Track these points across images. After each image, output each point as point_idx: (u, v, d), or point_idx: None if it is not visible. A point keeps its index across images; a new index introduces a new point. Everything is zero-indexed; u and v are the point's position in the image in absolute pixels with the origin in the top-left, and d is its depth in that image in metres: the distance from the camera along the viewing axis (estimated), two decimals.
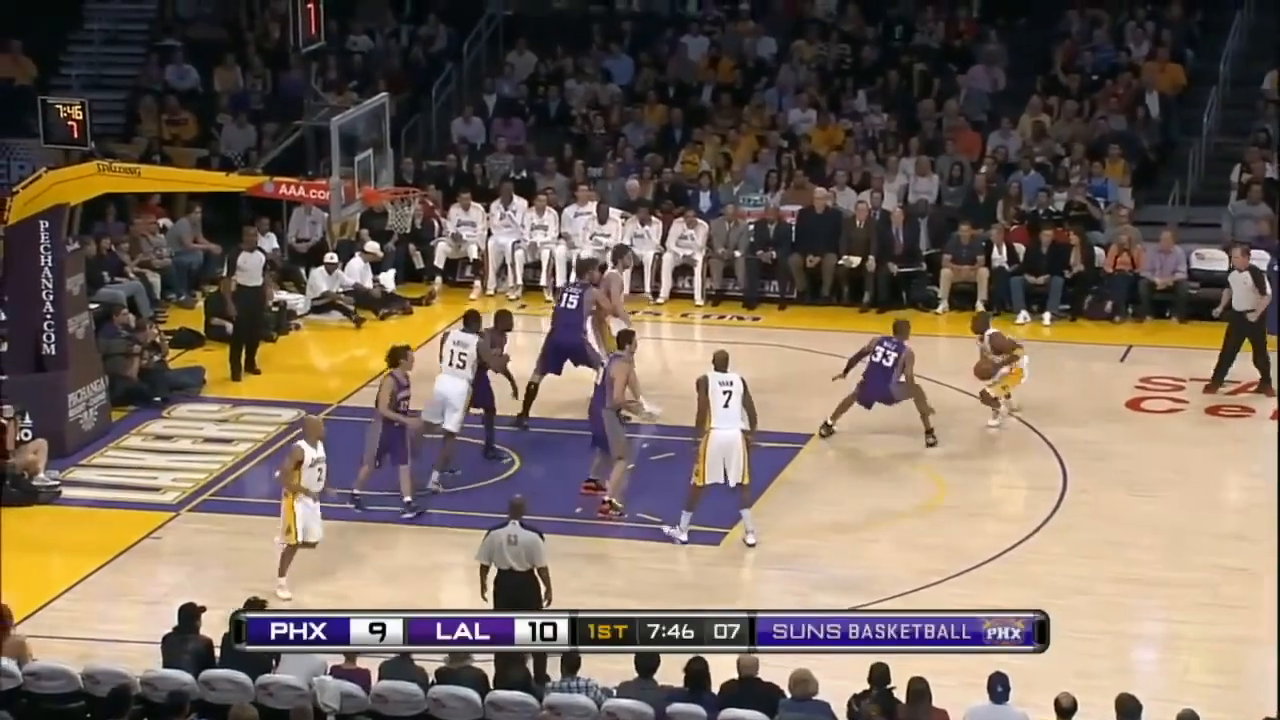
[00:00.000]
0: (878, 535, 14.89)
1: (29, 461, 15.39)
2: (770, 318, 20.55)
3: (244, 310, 18.48)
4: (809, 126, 22.95)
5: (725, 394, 14.45)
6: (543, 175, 22.26)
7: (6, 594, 11.75)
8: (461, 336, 15.50)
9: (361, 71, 23.78)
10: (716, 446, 14.29)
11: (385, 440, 14.72)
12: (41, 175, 16.07)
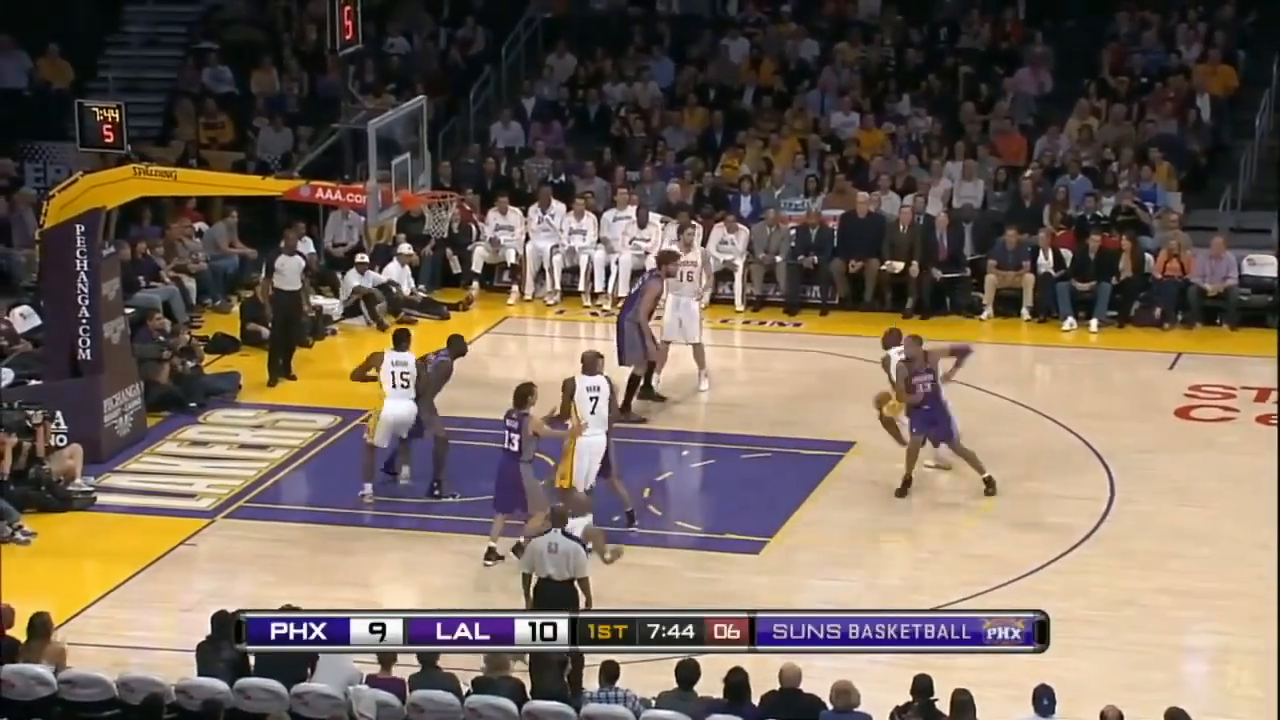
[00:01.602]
0: (921, 545, 14.83)
1: (66, 467, 15.47)
2: (812, 324, 20.51)
3: (280, 314, 18.56)
4: (852, 130, 22.91)
5: (592, 399, 14.39)
6: (581, 179, 22.28)
7: (42, 600, 11.83)
8: (399, 356, 15.33)
9: (399, 74, 23.86)
10: (586, 450, 14.26)
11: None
12: (78, 179, 16.15)
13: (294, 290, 18.56)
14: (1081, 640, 12.63)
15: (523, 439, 14.01)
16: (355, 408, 17.28)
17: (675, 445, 16.78)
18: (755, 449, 16.58)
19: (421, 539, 14.90)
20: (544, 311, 20.97)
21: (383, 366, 15.30)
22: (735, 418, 17.38)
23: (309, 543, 14.71)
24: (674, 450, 16.71)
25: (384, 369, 15.28)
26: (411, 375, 15.24)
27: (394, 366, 15.27)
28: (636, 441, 16.69)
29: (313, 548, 14.62)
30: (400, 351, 15.37)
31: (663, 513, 15.18)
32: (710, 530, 14.77)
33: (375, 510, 15.17)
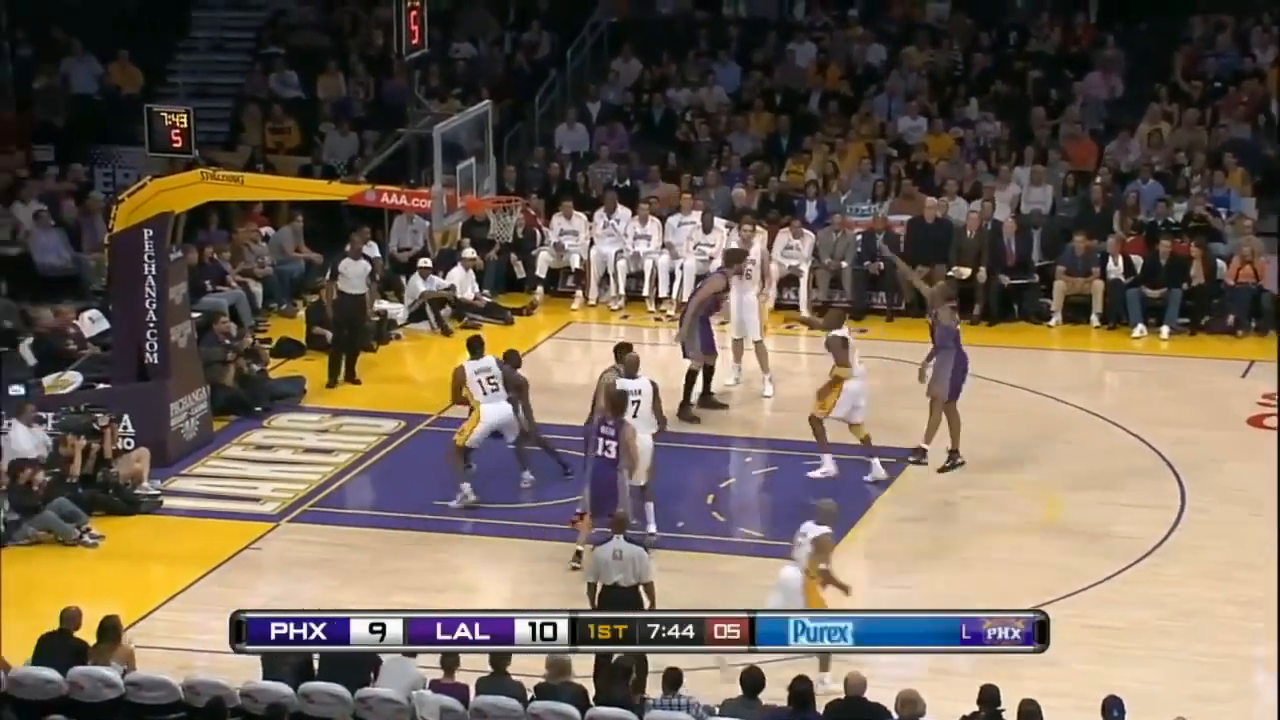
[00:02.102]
0: (988, 553, 14.76)
1: (133, 471, 15.64)
2: (878, 330, 20.44)
3: (343, 318, 18.69)
4: (919, 134, 22.83)
5: (634, 403, 14.38)
6: (646, 184, 22.31)
7: (109, 603, 11.97)
8: (479, 364, 15.33)
9: (464, 79, 23.98)
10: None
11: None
12: (146, 183, 16.32)
13: (358, 294, 18.68)
14: (1151, 651, 12.52)
15: (620, 446, 14.01)
16: (420, 412, 17.39)
17: (738, 451, 16.77)
18: (818, 456, 16.54)
19: (487, 544, 14.96)
20: (608, 317, 21.01)
21: (467, 379, 15.31)
22: (799, 424, 17.34)
23: (374, 547, 14.80)
24: (737, 456, 16.70)
25: (469, 381, 15.29)
26: (497, 377, 15.34)
27: (477, 375, 15.34)
28: (699, 446, 16.71)
29: (377, 552, 14.71)
30: (477, 359, 15.44)
31: (726, 519, 15.17)
32: (773, 537, 14.75)
33: (440, 515, 15.23)
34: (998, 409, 17.60)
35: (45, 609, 12.10)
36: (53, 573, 14.28)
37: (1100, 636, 13.06)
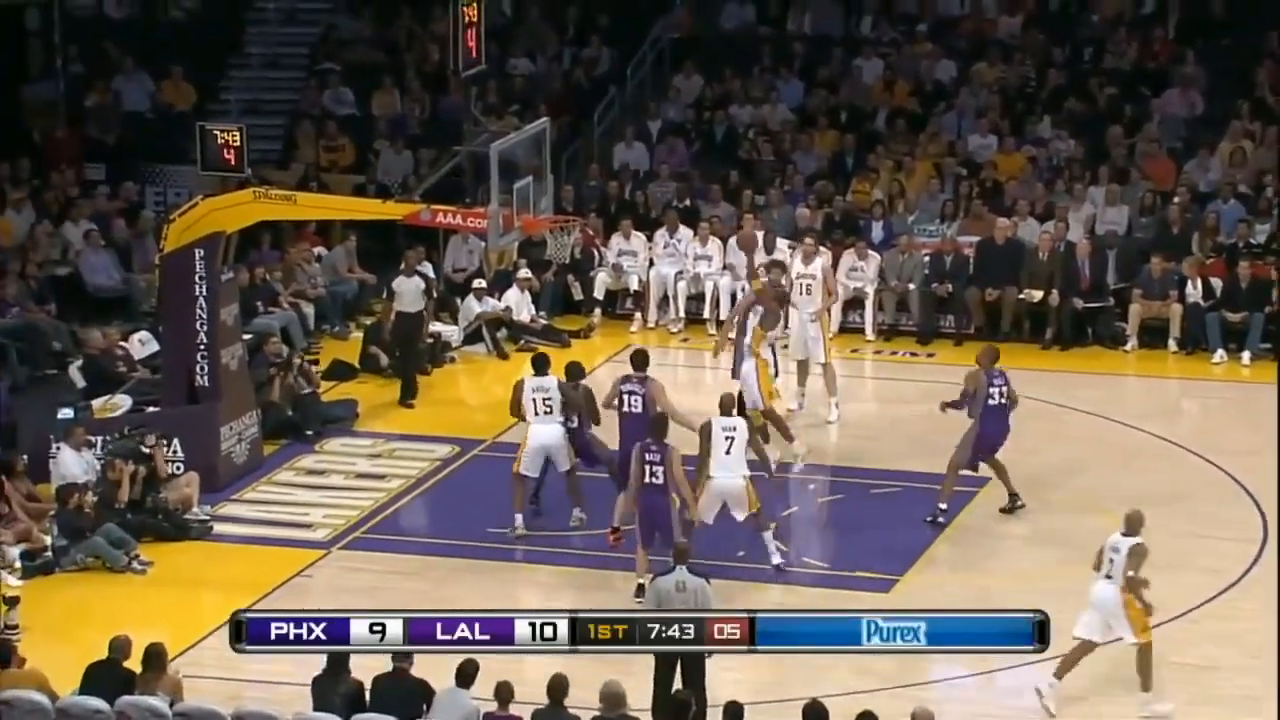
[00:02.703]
0: (1060, 584, 14.63)
1: (183, 496, 15.75)
2: (945, 354, 20.36)
3: (399, 338, 18.78)
4: (989, 153, 22.76)
5: (728, 439, 14.38)
6: (707, 203, 22.33)
7: (157, 630, 12.06)
8: (538, 382, 15.33)
9: (522, 95, 24.09)
10: (715, 494, 14.31)
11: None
12: (198, 202, 16.47)
13: (413, 313, 18.77)
14: (1232, 688, 12.38)
15: (667, 471, 14.03)
16: (474, 436, 17.45)
17: (801, 478, 16.73)
18: (885, 484, 16.49)
19: (541, 573, 14.98)
20: (667, 340, 21.02)
21: (524, 394, 15.32)
22: (864, 450, 17.29)
23: (427, 575, 14.85)
24: (800, 483, 16.66)
25: (525, 396, 15.30)
26: (555, 400, 15.26)
27: (535, 393, 15.28)
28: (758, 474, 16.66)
29: (431, 580, 14.76)
30: (540, 376, 15.40)
31: (789, 548, 15.14)
32: (838, 567, 14.71)
33: (494, 543, 15.27)
34: (1070, 436, 17.49)
35: (93, 636, 12.21)
36: (101, 599, 14.41)
37: (1180, 673, 12.94)
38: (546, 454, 15.32)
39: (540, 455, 15.30)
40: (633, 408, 14.93)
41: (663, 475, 14.02)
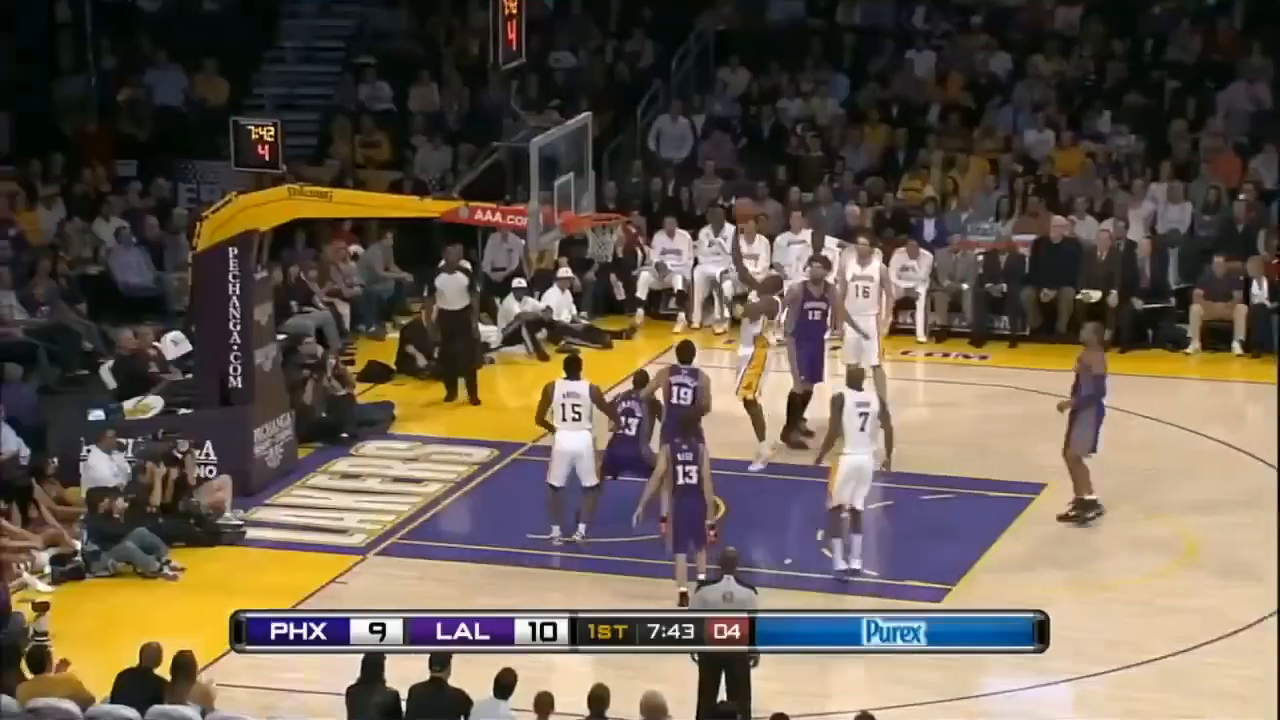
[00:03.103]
0: (1120, 596, 14.60)
1: (215, 500, 15.84)
2: (1000, 356, 20.31)
3: (447, 336, 18.83)
4: (1046, 149, 22.67)
5: (861, 415, 14.33)
6: (754, 201, 22.31)
7: (189, 638, 12.12)
8: (570, 386, 15.24)
9: (563, 90, 24.13)
10: (849, 470, 14.29)
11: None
12: (231, 199, 16.56)
13: (459, 309, 18.79)
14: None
15: (701, 469, 14.03)
16: (513, 440, 17.48)
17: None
18: (937, 489, 16.45)
19: (582, 579, 14.98)
20: (712, 341, 21.00)
21: (554, 397, 15.29)
22: (916, 455, 17.21)
23: (464, 582, 14.89)
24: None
25: (555, 400, 15.26)
26: (585, 407, 15.16)
27: (565, 398, 15.20)
28: (808, 478, 16.66)
29: (468, 587, 14.79)
30: (572, 381, 15.34)
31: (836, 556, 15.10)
32: (889, 576, 14.68)
33: (534, 549, 15.29)
34: (1130, 442, 17.39)
35: (124, 643, 12.29)
36: (132, 606, 14.50)
37: (1247, 688, 12.86)
38: (573, 463, 15.16)
39: (566, 463, 15.16)
40: (682, 400, 14.97)
41: (696, 475, 14.01)
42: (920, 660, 13.03)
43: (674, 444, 14.21)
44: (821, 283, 17.17)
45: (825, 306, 17.14)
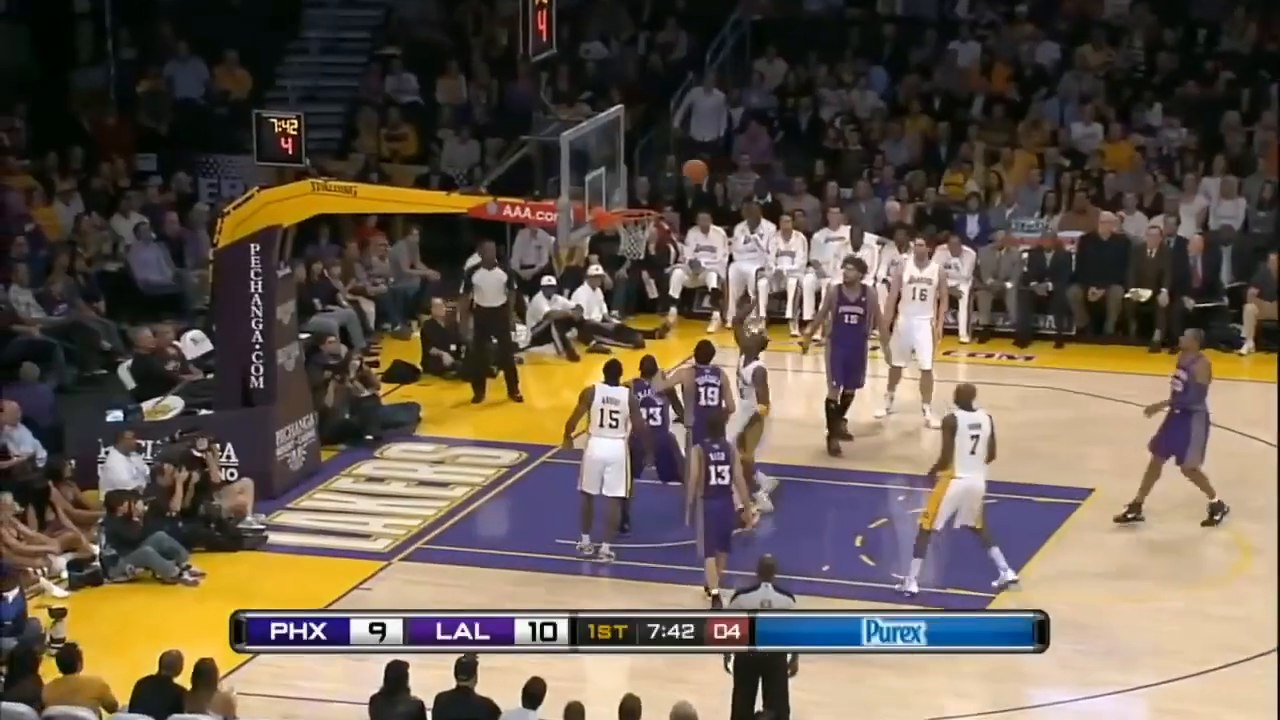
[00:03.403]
0: (1170, 605, 14.55)
1: (236, 504, 15.89)
2: (1045, 357, 20.26)
3: (482, 334, 18.87)
4: (1094, 142, 22.60)
5: (973, 438, 14.38)
6: (790, 196, 22.30)
7: (209, 645, 12.17)
8: (610, 392, 15.19)
9: (595, 82, 24.15)
10: (958, 494, 14.27)
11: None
12: (253, 194, 16.62)
13: (496, 307, 18.83)
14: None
15: (733, 469, 14.06)
16: (542, 442, 17.50)
17: (890, 488, 16.68)
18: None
19: (614, 586, 15.00)
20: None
21: (593, 402, 15.20)
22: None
23: (492, 589, 14.91)
24: (888, 494, 16.61)
25: (594, 405, 15.17)
26: (623, 414, 15.08)
27: (604, 403, 15.11)
28: (846, 483, 16.66)
29: (496, 595, 14.81)
30: (612, 386, 15.24)
31: (876, 564, 15.09)
32: (930, 585, 14.65)
33: (564, 555, 15.31)
34: None
35: (143, 650, 12.36)
36: (151, 612, 14.57)
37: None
38: (604, 471, 15.09)
39: (599, 470, 15.11)
40: (710, 400, 15.06)
41: (728, 475, 14.03)
42: (962, 671, 13.08)
43: (705, 444, 14.24)
44: (857, 285, 17.12)
45: (862, 310, 17.10)
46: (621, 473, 15.12)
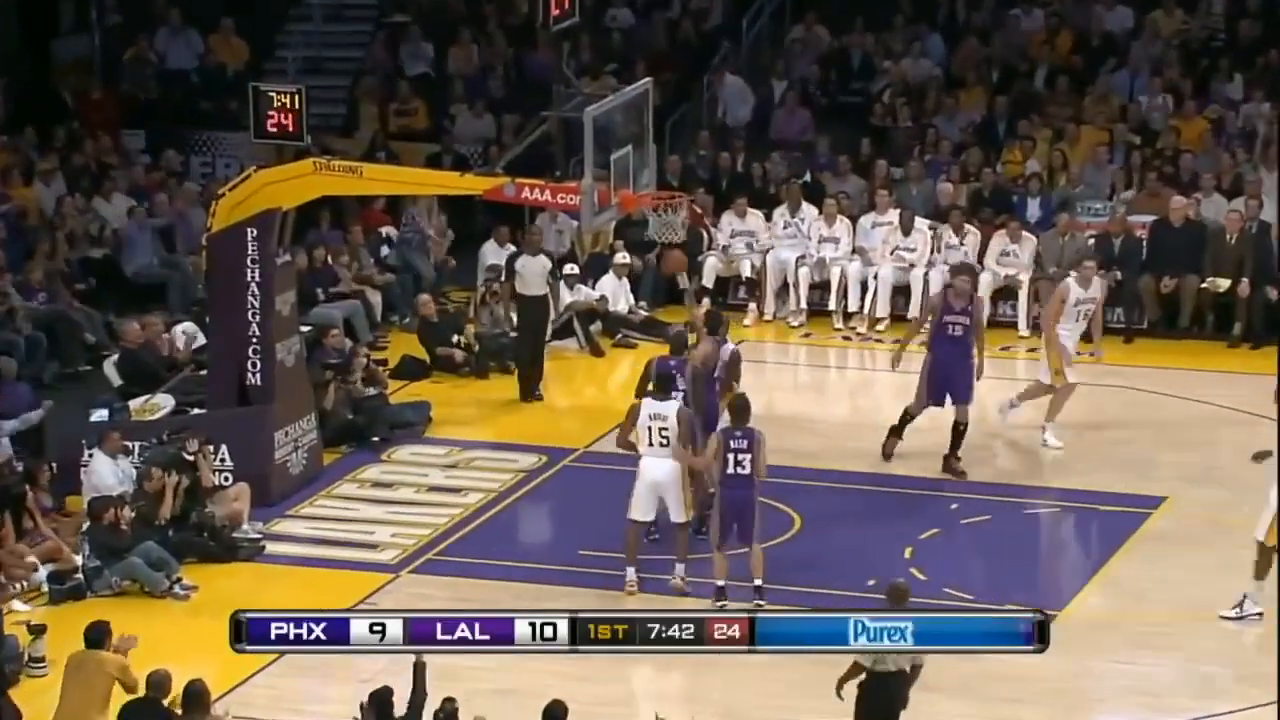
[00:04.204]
0: (1248, 626, 14.51)
1: (231, 511, 15.94)
2: (1114, 353, 20.15)
3: (525, 323, 18.91)
4: (1167, 117, 22.55)
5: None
6: (835, 177, 22.30)
7: (203, 666, 12.24)
8: (658, 407, 14.78)
9: (621, 53, 24.18)
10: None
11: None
12: (250, 175, 16.67)
13: (539, 295, 18.94)
14: None
15: (755, 458, 14.14)
16: (563, 445, 17.55)
17: (943, 496, 16.68)
18: (1042, 503, 16.40)
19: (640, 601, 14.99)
20: (787, 334, 21.02)
21: (639, 419, 14.83)
22: (1017, 464, 17.20)
23: (509, 604, 14.93)
24: (942, 501, 16.62)
25: (640, 422, 14.79)
26: (672, 431, 14.71)
27: (652, 420, 14.74)
28: (895, 490, 16.65)
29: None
30: (660, 400, 14.83)
31: (929, 578, 15.10)
32: (986, 599, 14.65)
33: (586, 567, 15.33)
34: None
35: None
36: (139, 628, 14.51)
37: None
38: (659, 494, 14.84)
39: (653, 496, 14.82)
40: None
41: (750, 464, 14.11)
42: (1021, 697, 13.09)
43: (727, 430, 14.28)
44: (966, 295, 16.90)
45: (968, 321, 16.76)
46: (679, 495, 14.80)
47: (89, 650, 12.37)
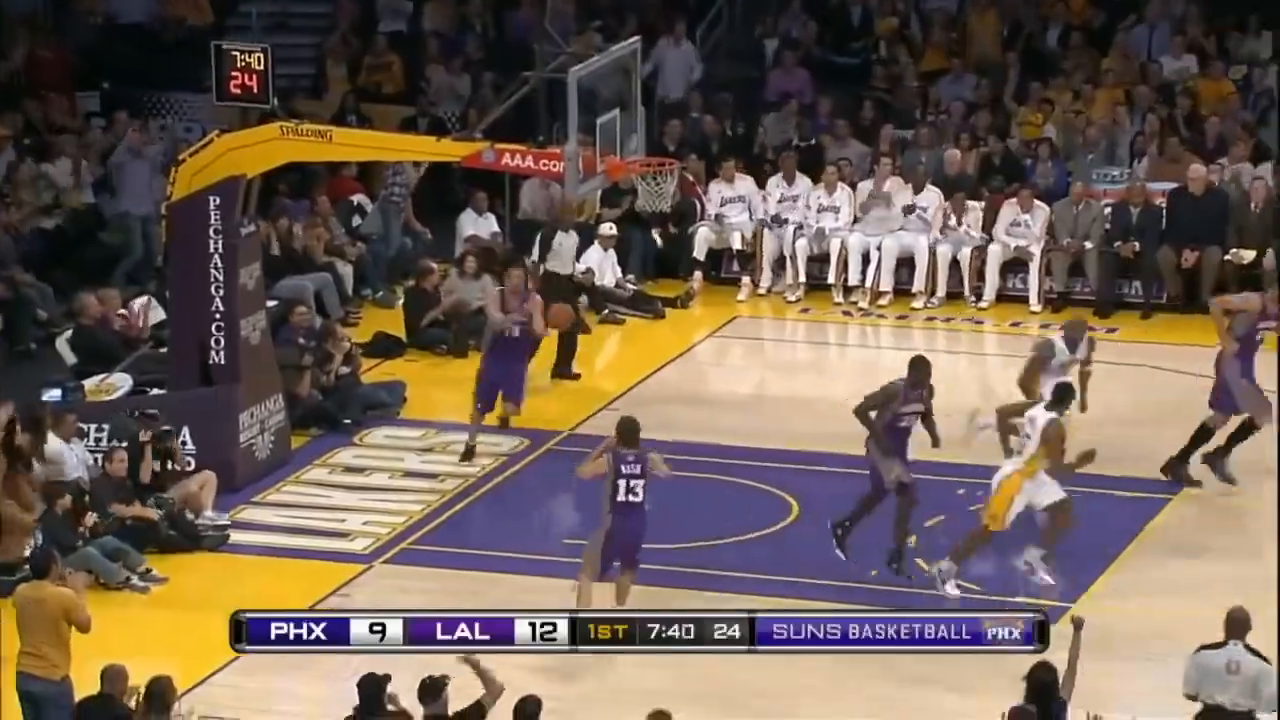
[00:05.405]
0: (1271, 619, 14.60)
1: (191, 496, 16.00)
2: (1130, 329, 20.31)
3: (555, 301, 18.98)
4: (1189, 78, 22.60)
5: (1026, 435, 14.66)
6: (834, 142, 22.32)
7: (164, 662, 12.31)
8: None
9: (608, 8, 24.16)
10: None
11: None
12: (213, 140, 16.71)
13: (569, 274, 19.09)
14: None
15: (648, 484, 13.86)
16: (546, 428, 17.61)
17: (950, 482, 16.75)
18: None
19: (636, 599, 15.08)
20: (783, 310, 21.06)
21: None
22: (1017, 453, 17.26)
23: (489, 595, 15.01)
24: (948, 487, 16.69)
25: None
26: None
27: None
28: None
29: (494, 601, 14.88)
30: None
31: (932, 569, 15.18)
32: (996, 590, 14.74)
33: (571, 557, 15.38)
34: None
35: (83, 666, 12.46)
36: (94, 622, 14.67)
37: None
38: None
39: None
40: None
41: (642, 491, 13.83)
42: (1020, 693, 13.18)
43: (618, 454, 13.89)
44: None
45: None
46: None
47: (37, 582, 12.56)
